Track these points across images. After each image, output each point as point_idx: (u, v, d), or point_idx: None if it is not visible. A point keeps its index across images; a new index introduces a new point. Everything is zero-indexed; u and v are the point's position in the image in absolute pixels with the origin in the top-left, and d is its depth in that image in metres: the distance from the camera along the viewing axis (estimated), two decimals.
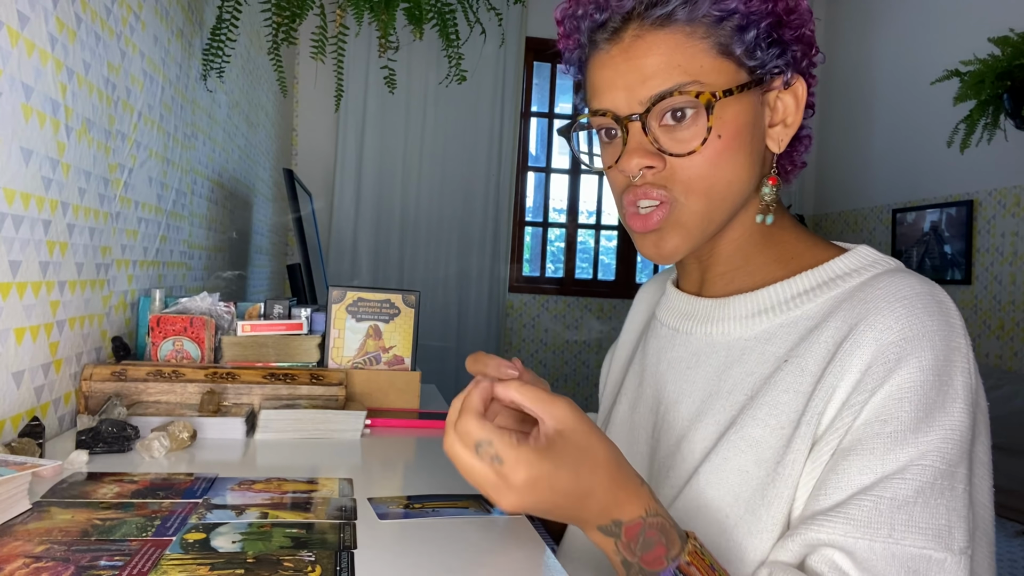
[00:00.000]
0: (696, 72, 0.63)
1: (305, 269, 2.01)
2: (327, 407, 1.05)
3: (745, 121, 0.65)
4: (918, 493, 0.54)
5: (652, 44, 0.63)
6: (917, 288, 0.60)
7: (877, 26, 4.05)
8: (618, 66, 0.65)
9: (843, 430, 0.58)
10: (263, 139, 2.94)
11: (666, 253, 0.68)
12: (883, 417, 0.56)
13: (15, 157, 0.86)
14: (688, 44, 0.63)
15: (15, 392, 0.88)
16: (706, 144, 0.64)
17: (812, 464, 0.59)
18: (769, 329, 0.67)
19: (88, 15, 1.07)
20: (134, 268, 1.32)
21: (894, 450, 0.55)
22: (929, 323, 0.58)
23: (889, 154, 3.91)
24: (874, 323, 0.59)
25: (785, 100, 0.68)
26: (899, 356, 0.57)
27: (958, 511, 0.54)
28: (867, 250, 0.68)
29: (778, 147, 0.68)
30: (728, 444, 0.64)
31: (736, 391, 0.67)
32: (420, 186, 4.05)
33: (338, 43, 1.73)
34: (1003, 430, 2.94)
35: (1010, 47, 2.67)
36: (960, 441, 0.56)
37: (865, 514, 0.54)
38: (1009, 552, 2.46)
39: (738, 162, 0.65)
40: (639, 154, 0.65)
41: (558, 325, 4.34)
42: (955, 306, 0.61)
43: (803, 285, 0.67)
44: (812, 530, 0.56)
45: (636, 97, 0.64)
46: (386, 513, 0.69)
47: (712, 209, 0.66)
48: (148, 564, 0.54)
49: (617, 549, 0.56)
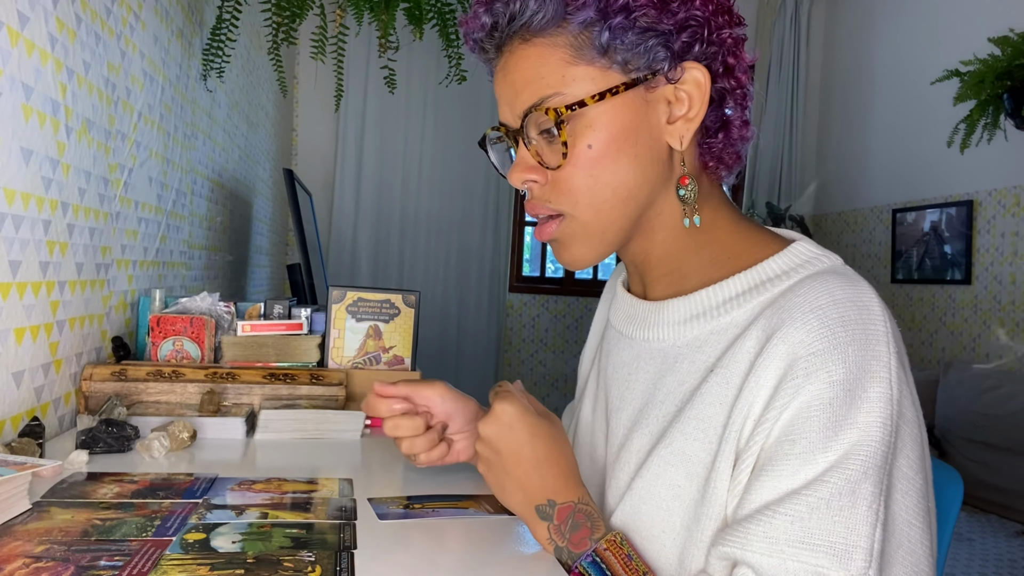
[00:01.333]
0: (557, 83, 0.62)
1: (305, 269, 2.02)
2: (327, 407, 1.05)
3: (623, 124, 0.62)
4: (813, 509, 0.53)
5: (520, 59, 0.64)
6: (836, 295, 0.58)
7: (877, 26, 4.05)
8: (499, 82, 0.66)
9: (757, 448, 0.57)
10: (263, 139, 2.94)
11: (569, 261, 0.68)
12: (791, 437, 0.55)
13: (15, 157, 0.86)
14: (551, 54, 0.62)
15: (15, 392, 0.88)
16: (576, 155, 0.62)
17: (734, 481, 0.59)
18: (700, 336, 0.66)
19: (88, 15, 1.07)
20: (134, 268, 1.32)
21: (802, 469, 0.54)
22: (841, 335, 0.56)
23: (889, 154, 3.91)
24: (786, 336, 0.57)
25: (688, 91, 0.63)
26: (808, 372, 0.55)
27: (858, 530, 0.52)
28: (803, 247, 0.65)
29: (679, 143, 0.63)
30: (659, 458, 0.64)
31: (667, 401, 0.66)
32: (420, 186, 4.05)
33: (338, 43, 1.74)
34: (1003, 430, 2.94)
35: (1010, 47, 2.67)
36: (868, 457, 0.53)
37: (763, 529, 0.54)
38: (1009, 552, 2.47)
39: (620, 167, 0.63)
40: (520, 168, 0.66)
41: (558, 325, 4.34)
42: (881, 310, 0.58)
43: (735, 289, 0.65)
44: (721, 543, 0.56)
45: (514, 112, 0.65)
46: (386, 513, 0.69)
47: (602, 218, 0.64)
48: (148, 564, 0.54)
49: (550, 535, 0.63)
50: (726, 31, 0.63)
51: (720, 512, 0.59)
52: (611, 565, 0.60)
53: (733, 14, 0.65)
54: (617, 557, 0.60)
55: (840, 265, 0.63)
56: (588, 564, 0.60)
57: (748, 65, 0.66)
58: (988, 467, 2.87)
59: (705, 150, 0.66)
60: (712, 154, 0.67)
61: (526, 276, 4.39)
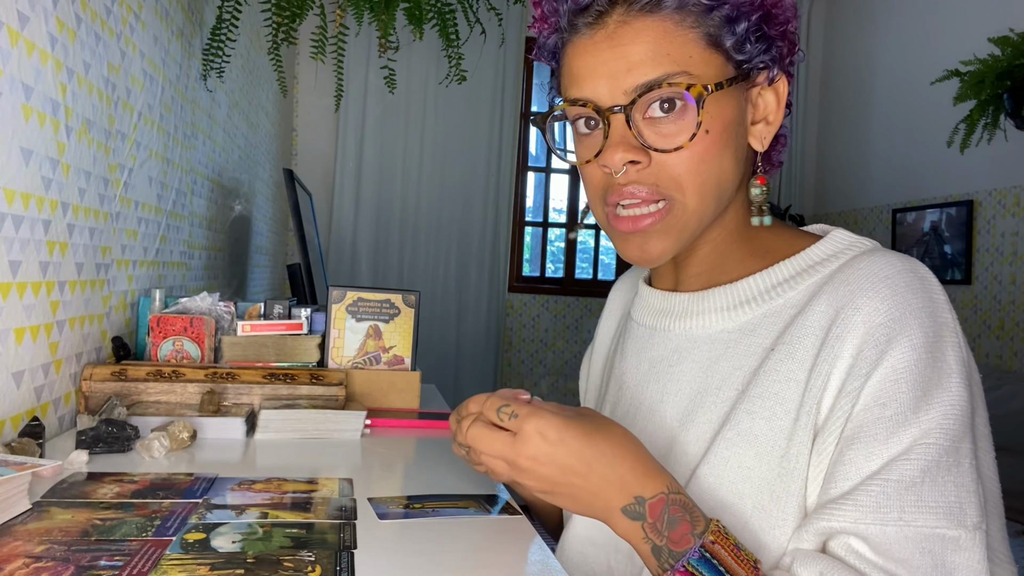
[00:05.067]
0: (685, 62, 0.60)
1: (305, 269, 2.01)
2: (327, 407, 1.05)
3: (731, 117, 0.63)
4: (924, 472, 0.53)
5: (639, 31, 0.60)
6: (898, 266, 0.59)
7: (877, 26, 4.05)
8: (601, 53, 0.61)
9: (843, 418, 0.57)
10: (263, 139, 2.94)
11: (653, 256, 0.65)
12: (881, 401, 0.55)
13: (15, 157, 0.86)
14: (677, 32, 0.60)
15: (15, 392, 0.88)
16: (695, 140, 0.60)
17: (818, 456, 0.58)
18: (752, 320, 0.66)
19: (88, 15, 1.07)
20: (134, 268, 1.32)
21: (897, 432, 0.54)
22: (914, 301, 0.57)
23: (889, 154, 3.91)
24: (860, 306, 0.58)
25: (766, 97, 0.66)
26: (889, 337, 0.56)
27: (967, 486, 0.53)
28: (842, 234, 0.66)
29: (761, 145, 0.66)
30: (725, 442, 0.62)
31: (725, 386, 0.65)
32: (420, 186, 4.05)
33: (338, 43, 1.73)
34: (1003, 430, 2.94)
35: (1010, 47, 2.67)
36: (960, 416, 0.55)
37: (874, 499, 0.54)
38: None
39: (725, 159, 0.63)
40: (623, 148, 0.61)
41: (558, 325, 4.34)
42: (937, 281, 0.59)
43: (782, 275, 0.65)
44: (824, 519, 0.56)
45: (620, 87, 0.61)
46: (386, 513, 0.69)
47: (704, 209, 0.64)
48: (148, 564, 0.54)
49: (645, 534, 0.55)
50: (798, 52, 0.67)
51: (801, 488, 0.58)
52: (723, 559, 0.54)
53: None
54: (726, 548, 0.54)
55: (881, 246, 0.65)
56: (698, 562, 0.54)
57: None
58: None
59: (764, 154, 0.69)
60: (769, 159, 0.70)
61: (526, 276, 4.39)
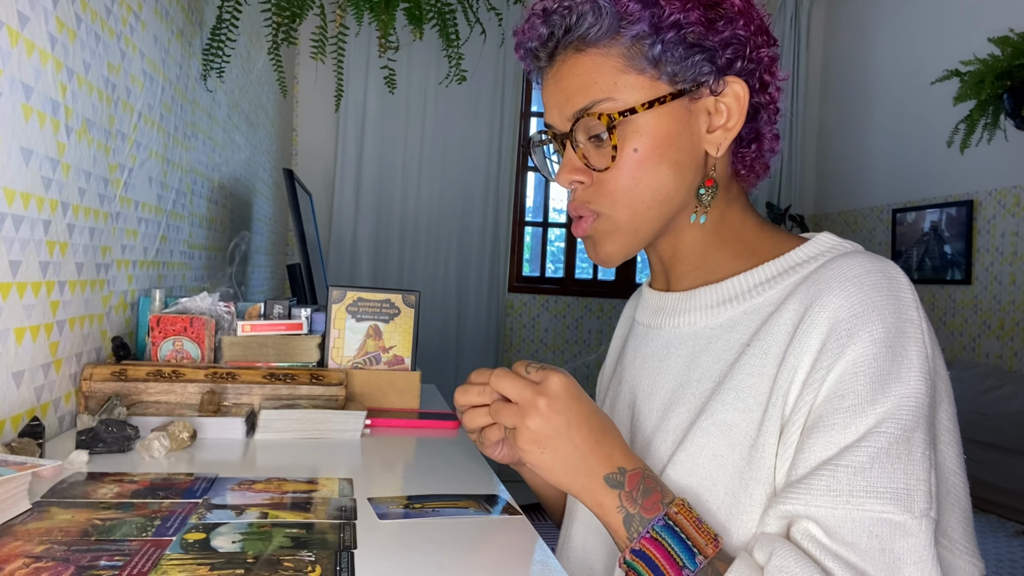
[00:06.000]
0: (609, 89, 0.66)
1: (305, 269, 2.01)
2: (327, 407, 1.05)
3: (668, 131, 0.67)
4: (874, 459, 0.56)
5: (573, 66, 0.68)
6: (867, 266, 0.62)
7: (877, 26, 4.05)
8: (550, 87, 0.71)
9: (806, 409, 0.60)
10: (263, 139, 2.94)
11: (602, 257, 0.73)
12: (840, 392, 0.58)
13: (15, 157, 0.86)
14: (604, 63, 0.67)
15: (15, 392, 0.88)
16: (622, 158, 0.67)
17: (784, 446, 0.61)
18: (733, 317, 0.70)
19: (88, 15, 1.07)
20: (134, 268, 1.32)
21: (853, 422, 0.57)
22: (878, 298, 0.60)
23: (889, 154, 3.91)
24: (826, 303, 0.61)
25: (728, 103, 0.68)
26: (850, 332, 0.59)
27: (917, 475, 0.56)
28: (826, 237, 0.70)
29: (715, 151, 0.69)
30: (699, 430, 0.66)
31: (704, 379, 0.69)
32: (420, 186, 4.05)
33: (338, 43, 1.73)
34: (1003, 430, 2.94)
35: (1010, 47, 2.67)
36: (916, 407, 0.57)
37: (825, 483, 0.56)
38: (1009, 552, 2.46)
39: (662, 172, 0.68)
40: (567, 169, 0.70)
41: (558, 325, 4.34)
42: (907, 281, 0.62)
43: (764, 275, 0.69)
44: (780, 502, 0.58)
45: (564, 115, 0.70)
46: (386, 513, 0.69)
47: (638, 218, 0.69)
48: (148, 564, 0.54)
49: (620, 503, 0.61)
50: (764, 50, 0.69)
51: (768, 476, 0.62)
52: (684, 528, 0.59)
53: (769, 35, 0.70)
54: (688, 519, 0.60)
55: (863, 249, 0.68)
56: (662, 528, 0.59)
57: (780, 82, 0.71)
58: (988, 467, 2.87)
59: (738, 159, 0.72)
60: (744, 163, 0.73)
61: (526, 276, 4.39)
